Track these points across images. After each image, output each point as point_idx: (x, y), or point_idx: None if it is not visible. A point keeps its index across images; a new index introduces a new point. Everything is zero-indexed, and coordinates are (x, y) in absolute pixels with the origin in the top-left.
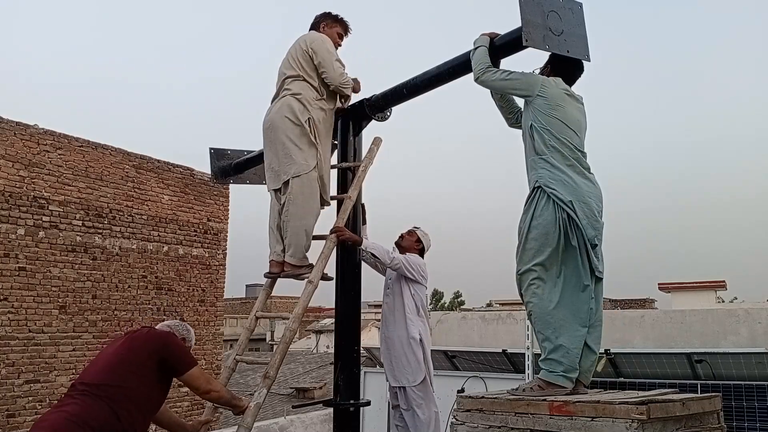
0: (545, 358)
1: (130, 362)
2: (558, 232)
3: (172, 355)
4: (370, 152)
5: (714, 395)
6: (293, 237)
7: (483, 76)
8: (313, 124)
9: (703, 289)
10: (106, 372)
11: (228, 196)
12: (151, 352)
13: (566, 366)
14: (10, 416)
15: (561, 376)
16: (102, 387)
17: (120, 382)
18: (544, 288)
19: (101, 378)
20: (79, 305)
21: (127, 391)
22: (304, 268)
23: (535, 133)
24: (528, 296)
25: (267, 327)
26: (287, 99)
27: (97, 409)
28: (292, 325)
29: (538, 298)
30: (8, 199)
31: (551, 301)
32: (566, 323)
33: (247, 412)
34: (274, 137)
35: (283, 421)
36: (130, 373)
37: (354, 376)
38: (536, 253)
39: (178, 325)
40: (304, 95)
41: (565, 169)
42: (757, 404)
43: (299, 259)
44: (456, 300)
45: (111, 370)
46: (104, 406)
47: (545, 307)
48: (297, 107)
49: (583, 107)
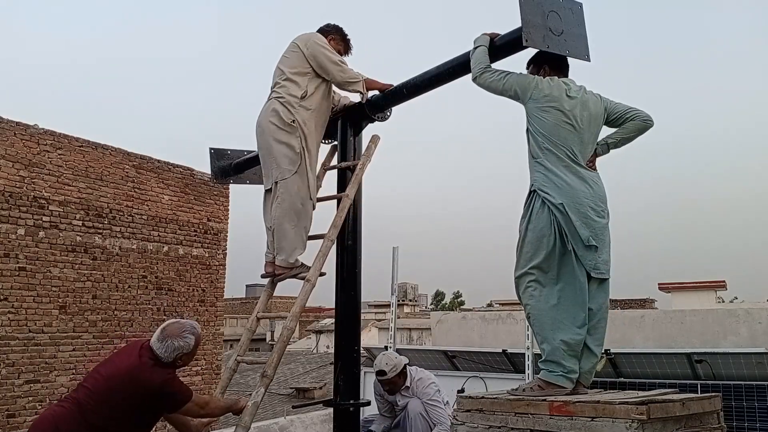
0: (545, 359)
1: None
2: (553, 236)
3: (167, 403)
4: (367, 150)
5: (714, 395)
6: (281, 240)
7: (480, 77)
8: (298, 125)
9: (703, 289)
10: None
11: (228, 196)
12: (145, 400)
13: (565, 366)
14: (10, 416)
15: (561, 376)
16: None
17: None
18: (541, 290)
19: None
20: (79, 305)
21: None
22: (296, 269)
23: (530, 137)
24: (525, 299)
25: (267, 327)
26: (272, 102)
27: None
28: (290, 323)
29: (535, 300)
30: (8, 199)
31: (548, 302)
32: (564, 324)
33: (245, 411)
34: (261, 140)
35: (283, 421)
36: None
37: (354, 376)
38: (532, 256)
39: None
40: (288, 98)
41: (559, 171)
42: (757, 404)
43: (287, 262)
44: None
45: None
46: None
47: (542, 309)
48: (281, 110)
49: (589, 97)
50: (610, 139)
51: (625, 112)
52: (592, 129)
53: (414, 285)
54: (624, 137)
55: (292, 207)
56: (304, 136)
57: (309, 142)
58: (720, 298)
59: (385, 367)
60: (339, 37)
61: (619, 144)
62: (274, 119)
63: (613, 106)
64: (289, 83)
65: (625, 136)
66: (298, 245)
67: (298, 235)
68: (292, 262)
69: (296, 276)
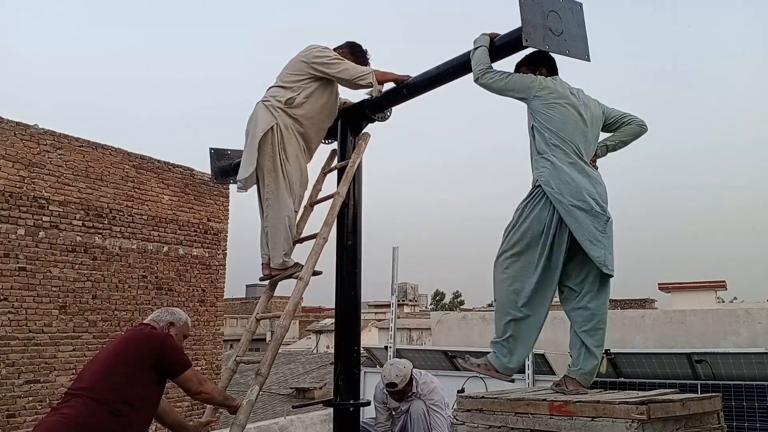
0: (495, 340)
1: (126, 363)
2: (545, 229)
3: (168, 357)
4: (358, 148)
5: (714, 395)
6: (271, 242)
7: (482, 78)
8: (276, 131)
9: (703, 289)
10: (103, 374)
11: (228, 196)
12: (147, 354)
13: (508, 351)
14: (10, 416)
15: (498, 357)
16: (98, 390)
17: (116, 384)
18: (514, 278)
19: (97, 380)
20: (79, 305)
21: (123, 392)
22: (290, 269)
23: (536, 133)
24: (497, 279)
25: (267, 327)
26: (258, 105)
27: (94, 412)
28: (284, 322)
29: (506, 284)
30: (8, 199)
31: (516, 291)
32: (524, 315)
33: (240, 410)
34: (247, 142)
35: (283, 421)
36: (126, 374)
37: (354, 376)
38: (516, 242)
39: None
40: (272, 102)
41: (566, 167)
42: (757, 404)
43: (278, 263)
44: (456, 300)
45: (107, 372)
46: (102, 408)
47: (508, 295)
48: (262, 114)
49: (588, 98)
50: (608, 142)
51: (621, 117)
52: (594, 129)
53: (414, 285)
54: (621, 140)
55: (280, 210)
56: (281, 140)
57: (288, 146)
58: (720, 299)
59: (395, 380)
60: (347, 51)
61: (617, 147)
62: (257, 123)
63: (609, 111)
64: (278, 89)
65: (622, 140)
66: (285, 247)
67: (283, 235)
68: (280, 263)
69: (291, 276)
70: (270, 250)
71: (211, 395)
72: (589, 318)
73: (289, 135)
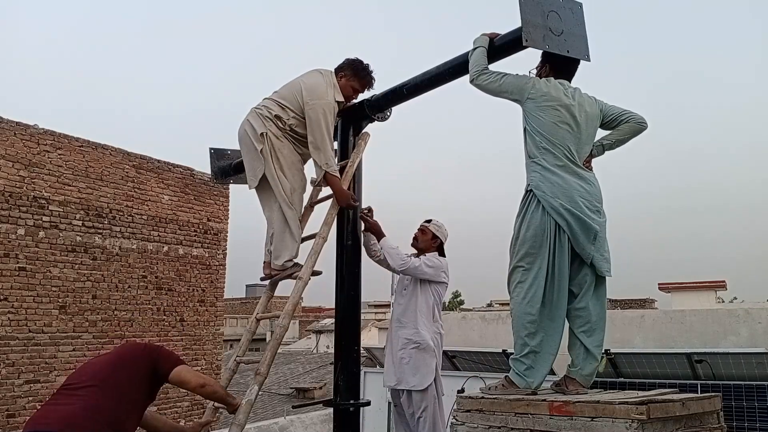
0: (515, 357)
1: (123, 366)
2: (547, 235)
3: (162, 354)
4: (357, 147)
5: (714, 395)
6: (273, 243)
7: (478, 79)
8: (267, 138)
9: (703, 289)
10: (107, 373)
11: (228, 196)
12: (145, 356)
13: (529, 367)
14: (10, 416)
15: (520, 376)
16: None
17: (121, 386)
18: (528, 289)
19: (103, 378)
20: (79, 305)
21: (128, 393)
22: (289, 270)
23: (528, 136)
24: (512, 295)
25: (267, 327)
26: (251, 111)
27: (109, 403)
28: (283, 321)
29: (520, 297)
30: (8, 199)
31: (531, 303)
32: (543, 326)
33: (239, 410)
34: (245, 150)
35: (283, 421)
36: (128, 377)
37: (354, 376)
38: (524, 254)
39: None
40: (264, 112)
41: (556, 170)
42: (757, 404)
43: (278, 264)
44: (456, 300)
45: (112, 371)
46: (112, 402)
47: (524, 308)
48: (254, 121)
49: (585, 98)
50: (605, 141)
51: (620, 114)
52: (589, 129)
53: None
54: (619, 139)
55: (279, 212)
56: (272, 147)
57: (283, 149)
58: (720, 299)
59: (434, 220)
60: (351, 73)
61: (614, 145)
62: (249, 129)
63: (608, 109)
64: (274, 104)
65: (620, 138)
66: (286, 248)
67: (286, 239)
68: (280, 264)
69: (291, 276)
70: (274, 252)
71: (214, 388)
72: (587, 319)
73: (280, 144)
